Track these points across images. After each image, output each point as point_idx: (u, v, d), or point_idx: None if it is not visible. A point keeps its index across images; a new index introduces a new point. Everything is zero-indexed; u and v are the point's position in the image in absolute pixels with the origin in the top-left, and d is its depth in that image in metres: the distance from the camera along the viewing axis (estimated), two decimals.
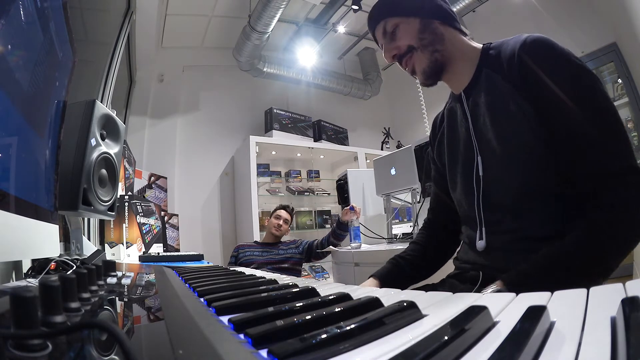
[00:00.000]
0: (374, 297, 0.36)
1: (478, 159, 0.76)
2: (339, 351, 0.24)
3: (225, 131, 3.69)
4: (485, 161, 0.76)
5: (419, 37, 0.77)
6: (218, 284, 0.57)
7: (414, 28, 0.77)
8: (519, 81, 0.69)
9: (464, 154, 0.81)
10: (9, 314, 0.23)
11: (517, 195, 0.70)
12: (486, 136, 0.74)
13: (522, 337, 0.22)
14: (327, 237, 2.33)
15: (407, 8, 0.78)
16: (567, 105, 0.64)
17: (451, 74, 0.80)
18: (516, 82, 0.69)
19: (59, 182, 0.81)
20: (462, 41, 0.79)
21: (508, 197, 0.72)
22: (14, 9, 0.55)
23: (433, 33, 0.77)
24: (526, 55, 0.68)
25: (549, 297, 0.34)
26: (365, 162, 3.85)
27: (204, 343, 0.25)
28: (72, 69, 0.86)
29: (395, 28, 0.79)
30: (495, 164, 0.73)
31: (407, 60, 0.79)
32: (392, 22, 0.79)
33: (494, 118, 0.73)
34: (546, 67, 0.67)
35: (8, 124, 0.55)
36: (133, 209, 1.95)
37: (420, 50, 0.77)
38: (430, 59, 0.77)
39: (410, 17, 0.78)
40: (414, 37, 0.77)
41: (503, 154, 0.71)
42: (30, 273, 0.78)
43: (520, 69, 0.68)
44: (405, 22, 0.78)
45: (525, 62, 0.68)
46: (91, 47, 2.16)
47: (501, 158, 0.72)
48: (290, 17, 3.40)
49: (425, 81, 0.79)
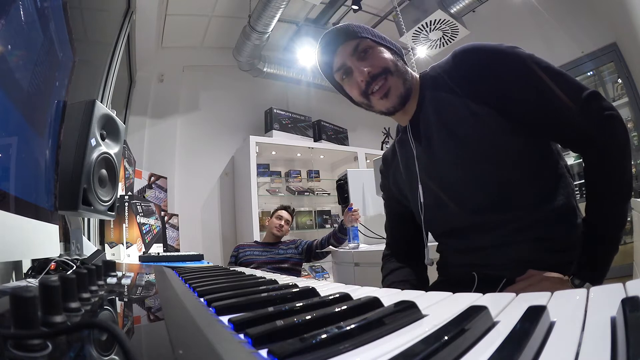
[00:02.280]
0: (374, 297, 0.36)
1: (420, 187, 0.81)
2: (339, 351, 0.24)
3: (225, 131, 3.69)
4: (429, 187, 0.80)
5: (393, 64, 0.78)
6: (218, 284, 0.57)
7: (388, 54, 0.79)
8: (466, 88, 0.72)
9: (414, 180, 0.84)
10: (9, 314, 0.23)
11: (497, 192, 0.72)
12: (436, 159, 0.78)
13: (522, 337, 0.22)
14: (327, 238, 2.33)
15: (381, 39, 0.81)
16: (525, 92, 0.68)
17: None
18: (464, 91, 0.72)
19: (59, 182, 0.81)
20: (413, 75, 0.82)
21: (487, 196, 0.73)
22: (14, 9, 0.55)
23: (403, 66, 0.80)
24: (464, 62, 0.73)
25: (549, 297, 0.34)
26: (365, 162, 3.85)
27: (204, 343, 0.25)
28: (72, 69, 0.86)
29: (368, 49, 0.78)
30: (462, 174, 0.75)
31: (380, 81, 0.77)
32: (366, 43, 0.78)
33: (449, 132, 0.74)
34: (487, 65, 0.70)
35: (8, 124, 0.55)
36: (133, 209, 1.94)
37: (396, 75, 0.77)
38: (404, 85, 0.78)
39: (382, 46, 0.79)
40: (388, 61, 0.78)
41: (468, 162, 0.73)
42: (30, 273, 0.78)
43: (463, 77, 0.73)
44: (378, 48, 0.79)
45: (465, 70, 0.72)
46: (91, 47, 2.15)
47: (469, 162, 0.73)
48: (290, 17, 3.40)
49: (396, 105, 0.78)
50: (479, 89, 0.71)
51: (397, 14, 2.95)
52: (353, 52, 0.78)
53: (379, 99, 0.78)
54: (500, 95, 0.69)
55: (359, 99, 0.81)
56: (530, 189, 0.70)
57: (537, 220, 0.69)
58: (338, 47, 0.79)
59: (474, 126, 0.71)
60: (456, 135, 0.73)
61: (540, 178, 0.71)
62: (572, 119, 0.66)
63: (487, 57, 0.71)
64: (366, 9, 3.17)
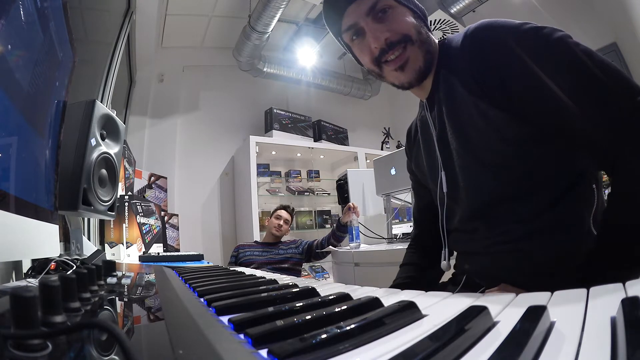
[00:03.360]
0: (374, 297, 0.36)
1: (442, 175, 0.72)
2: (339, 351, 0.24)
3: (225, 131, 3.69)
4: (450, 176, 0.71)
5: (417, 30, 0.66)
6: (218, 284, 0.57)
7: (410, 18, 0.67)
8: (476, 87, 0.62)
9: (435, 168, 0.76)
10: (9, 314, 0.23)
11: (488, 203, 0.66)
12: (451, 148, 0.69)
13: (522, 337, 0.22)
14: (327, 238, 2.33)
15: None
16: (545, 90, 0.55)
17: None
18: (473, 89, 0.62)
19: (59, 182, 0.81)
20: (436, 46, 0.70)
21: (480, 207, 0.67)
22: (14, 9, 0.55)
23: (426, 33, 0.68)
24: (473, 54, 0.62)
25: (549, 297, 0.34)
26: (365, 162, 3.85)
27: (204, 343, 0.25)
28: (72, 69, 0.86)
29: (387, 8, 0.65)
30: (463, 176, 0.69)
31: (398, 49, 0.65)
32: (385, 1, 0.65)
33: (456, 128, 0.67)
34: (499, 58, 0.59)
35: (8, 124, 0.55)
36: (133, 209, 1.94)
37: (417, 45, 0.66)
38: (425, 57, 0.67)
39: (405, 7, 0.67)
40: (411, 26, 0.66)
41: (470, 165, 0.67)
42: (30, 273, 0.78)
43: (474, 74, 0.61)
44: (400, 9, 0.66)
45: (476, 64, 0.61)
46: (91, 47, 2.15)
47: (469, 169, 0.67)
48: (290, 17, 3.40)
49: (412, 81, 0.68)
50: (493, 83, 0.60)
51: None
52: (369, 12, 0.65)
53: (393, 69, 0.67)
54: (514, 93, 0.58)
55: (370, 65, 0.70)
56: (525, 204, 0.62)
57: (527, 233, 0.62)
58: (350, 5, 0.67)
59: (479, 129, 0.63)
60: (461, 134, 0.66)
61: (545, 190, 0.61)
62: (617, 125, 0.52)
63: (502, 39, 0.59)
64: None
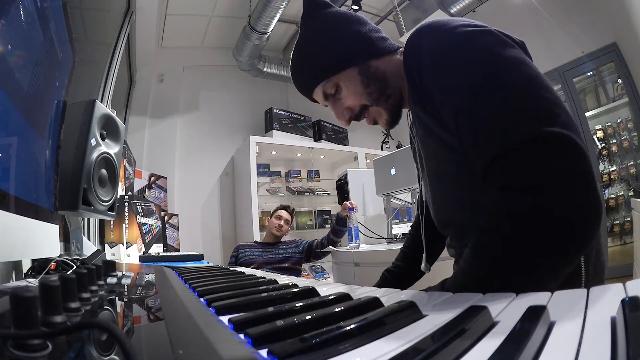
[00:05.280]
0: (374, 297, 0.36)
1: (421, 184, 0.77)
2: (339, 351, 0.24)
3: (225, 131, 3.69)
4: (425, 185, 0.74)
5: (367, 93, 0.67)
6: (218, 284, 0.57)
7: (357, 83, 0.67)
8: (413, 94, 0.62)
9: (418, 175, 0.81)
10: (9, 314, 0.23)
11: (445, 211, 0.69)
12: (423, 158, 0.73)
13: (522, 337, 0.22)
14: (326, 237, 2.33)
15: (340, 61, 0.66)
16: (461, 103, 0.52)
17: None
18: (413, 97, 0.62)
19: (59, 182, 0.81)
20: (397, 63, 0.67)
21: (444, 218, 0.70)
22: (14, 9, 0.55)
23: (376, 80, 0.67)
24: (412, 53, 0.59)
25: (549, 297, 0.34)
26: (365, 162, 3.85)
27: (204, 343, 0.25)
28: (72, 69, 0.86)
29: (336, 89, 0.69)
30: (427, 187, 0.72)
31: (364, 116, 0.71)
32: (329, 83, 0.68)
33: (420, 138, 0.69)
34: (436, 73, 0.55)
35: (8, 124, 0.55)
36: (133, 209, 1.94)
37: (375, 104, 0.69)
38: (387, 108, 0.69)
39: (347, 70, 0.66)
40: (361, 95, 0.67)
41: (430, 176, 0.69)
42: (30, 273, 0.78)
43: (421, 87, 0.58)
44: (345, 78, 0.67)
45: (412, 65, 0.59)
46: (91, 47, 2.16)
47: (429, 179, 0.70)
48: (290, 17, 3.40)
49: (389, 127, 0.72)
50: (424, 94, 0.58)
51: (397, 14, 2.96)
52: (326, 98, 0.71)
53: (370, 124, 0.74)
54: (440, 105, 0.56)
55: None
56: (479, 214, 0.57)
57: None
58: (312, 96, 0.74)
59: (423, 138, 0.66)
60: (422, 144, 0.69)
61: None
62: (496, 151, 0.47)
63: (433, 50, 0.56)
64: (366, 9, 3.16)
